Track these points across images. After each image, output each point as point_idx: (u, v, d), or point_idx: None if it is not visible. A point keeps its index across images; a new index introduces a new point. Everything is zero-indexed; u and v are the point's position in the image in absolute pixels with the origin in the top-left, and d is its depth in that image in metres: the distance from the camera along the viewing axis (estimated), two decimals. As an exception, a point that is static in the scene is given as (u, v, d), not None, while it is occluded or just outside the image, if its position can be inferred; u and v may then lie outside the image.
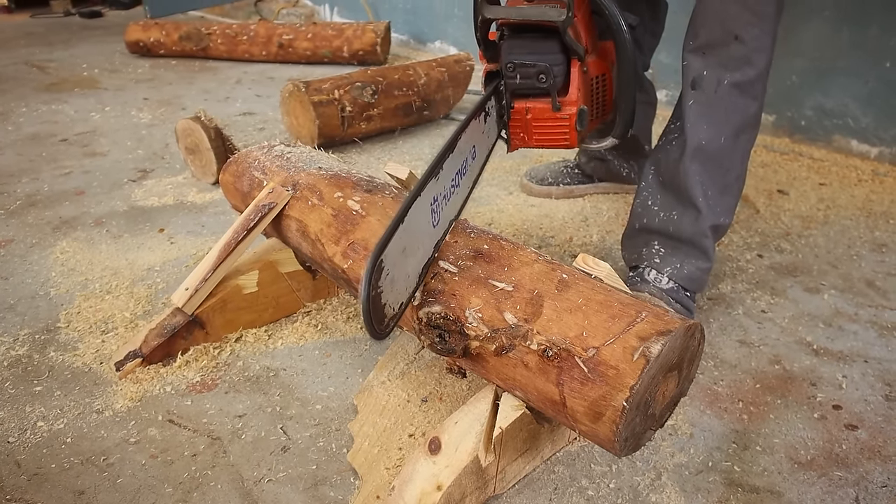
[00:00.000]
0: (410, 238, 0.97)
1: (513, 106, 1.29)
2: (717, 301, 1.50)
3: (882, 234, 1.78)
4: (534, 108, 1.28)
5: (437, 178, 1.01)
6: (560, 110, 1.27)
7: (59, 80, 3.18)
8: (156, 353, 1.27)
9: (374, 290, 0.88)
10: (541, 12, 1.20)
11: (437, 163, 1.01)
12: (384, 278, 0.91)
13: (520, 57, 1.23)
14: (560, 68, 1.25)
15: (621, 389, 0.81)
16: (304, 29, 3.46)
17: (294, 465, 1.07)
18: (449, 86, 2.56)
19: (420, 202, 0.97)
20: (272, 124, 2.62)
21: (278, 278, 1.39)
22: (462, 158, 1.11)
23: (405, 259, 0.96)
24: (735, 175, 1.37)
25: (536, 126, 1.30)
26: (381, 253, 0.89)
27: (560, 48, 1.23)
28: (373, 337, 0.90)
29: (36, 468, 1.06)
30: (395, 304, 0.95)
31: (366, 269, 0.86)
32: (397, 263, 0.94)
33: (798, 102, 2.35)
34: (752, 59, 1.26)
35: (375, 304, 0.89)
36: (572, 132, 1.29)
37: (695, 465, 1.08)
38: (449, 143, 1.05)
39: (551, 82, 1.24)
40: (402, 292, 0.97)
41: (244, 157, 1.44)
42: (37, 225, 1.83)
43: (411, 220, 0.96)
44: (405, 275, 0.97)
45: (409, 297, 1.00)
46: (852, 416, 1.18)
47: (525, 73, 1.24)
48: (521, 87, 1.26)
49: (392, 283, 0.93)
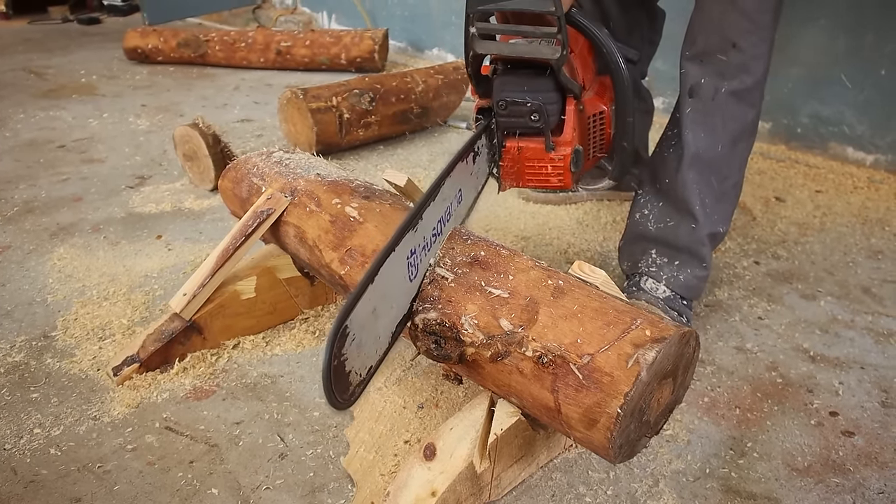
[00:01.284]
0: (382, 297, 0.90)
1: (504, 145, 1.23)
2: (713, 308, 1.50)
3: (878, 241, 1.79)
4: (526, 147, 1.22)
5: (415, 229, 0.95)
6: (554, 150, 1.21)
7: (56, 87, 3.18)
8: (153, 358, 1.27)
9: (336, 360, 0.81)
10: (534, 49, 1.16)
11: (415, 214, 0.95)
12: (349, 345, 0.83)
13: (512, 94, 1.18)
14: (554, 107, 1.19)
15: (616, 396, 0.82)
16: (302, 36, 3.47)
17: (292, 472, 1.07)
18: (446, 93, 2.57)
19: (395, 256, 0.91)
20: (270, 131, 2.63)
21: (276, 284, 1.39)
22: (446, 205, 1.05)
23: (375, 321, 0.89)
24: (732, 183, 1.37)
25: (529, 166, 1.25)
26: (345, 319, 0.81)
27: (554, 86, 1.18)
28: (334, 408, 0.84)
29: (32, 475, 1.06)
30: (361, 370, 0.88)
31: (328, 337, 0.80)
32: (366, 326, 0.87)
33: (794, 110, 2.36)
34: (749, 66, 1.26)
35: (338, 373, 0.82)
36: (566, 173, 1.24)
37: (692, 472, 1.08)
38: (430, 190, 1.00)
39: (545, 121, 1.18)
40: (370, 356, 0.90)
41: (243, 164, 1.44)
42: (34, 231, 1.83)
43: (384, 277, 0.89)
44: (375, 337, 0.90)
45: (379, 360, 0.93)
46: (849, 422, 1.18)
47: (518, 112, 1.18)
48: (513, 126, 1.21)
49: (359, 347, 0.86)
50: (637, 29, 1.63)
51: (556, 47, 1.13)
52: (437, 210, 1.02)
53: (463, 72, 2.62)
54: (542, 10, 1.11)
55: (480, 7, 1.15)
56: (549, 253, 1.72)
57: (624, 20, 1.58)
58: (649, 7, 1.64)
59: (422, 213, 0.97)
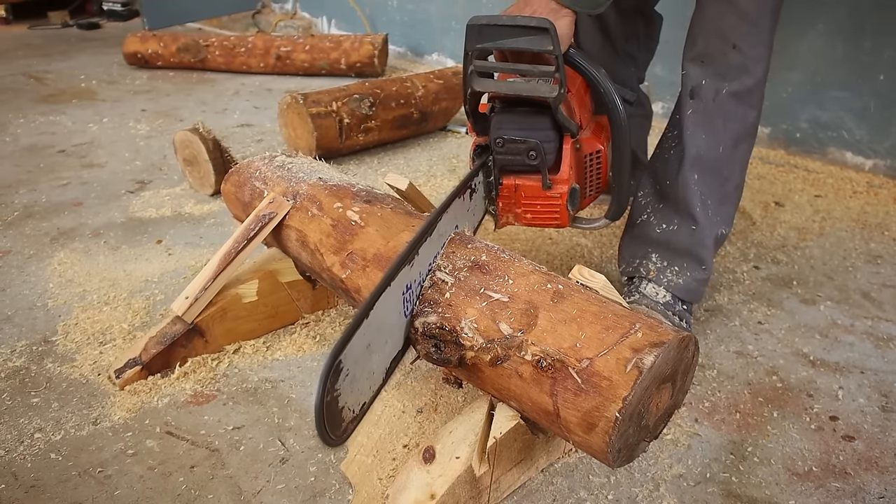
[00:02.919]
0: (377, 332, 0.90)
1: (501, 182, 1.24)
2: (713, 312, 1.50)
3: (877, 246, 1.79)
4: (523, 185, 1.23)
5: (410, 265, 0.96)
6: (551, 189, 1.22)
7: (56, 92, 3.18)
8: (155, 360, 1.27)
9: (329, 395, 0.81)
10: (532, 88, 1.16)
11: (410, 249, 0.96)
12: (342, 380, 0.83)
13: (510, 132, 1.19)
14: (551, 145, 1.20)
15: (614, 400, 0.82)
16: (301, 41, 3.47)
17: (292, 476, 1.07)
18: (446, 98, 2.57)
19: (390, 292, 0.92)
20: (270, 136, 2.63)
21: (278, 288, 1.39)
22: (442, 241, 1.06)
23: (369, 356, 0.89)
24: (734, 184, 1.37)
25: (526, 204, 1.26)
26: (338, 354, 0.81)
27: (552, 124, 1.19)
28: (326, 445, 0.84)
29: (33, 480, 1.06)
30: (355, 406, 0.88)
31: (321, 373, 0.80)
32: (360, 361, 0.87)
33: (793, 115, 2.37)
34: (749, 68, 1.27)
35: (331, 409, 0.82)
36: (563, 211, 1.25)
37: (693, 477, 1.08)
38: (426, 226, 1.00)
39: (542, 160, 1.19)
40: (364, 392, 0.90)
41: (245, 168, 1.45)
42: (34, 236, 1.83)
43: (378, 312, 0.90)
44: (369, 372, 0.90)
45: (372, 397, 0.93)
46: (849, 427, 1.18)
47: (515, 150, 1.19)
48: (510, 164, 1.22)
49: (353, 383, 0.86)
50: (634, 35, 1.63)
51: (554, 86, 1.14)
52: (434, 246, 1.03)
53: (462, 77, 2.62)
54: (540, 49, 1.12)
55: (479, 45, 1.16)
56: (548, 257, 1.72)
57: (622, 26, 1.59)
58: (646, 12, 1.65)
59: (417, 249, 0.97)
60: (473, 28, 1.15)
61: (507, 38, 1.13)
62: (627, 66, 1.67)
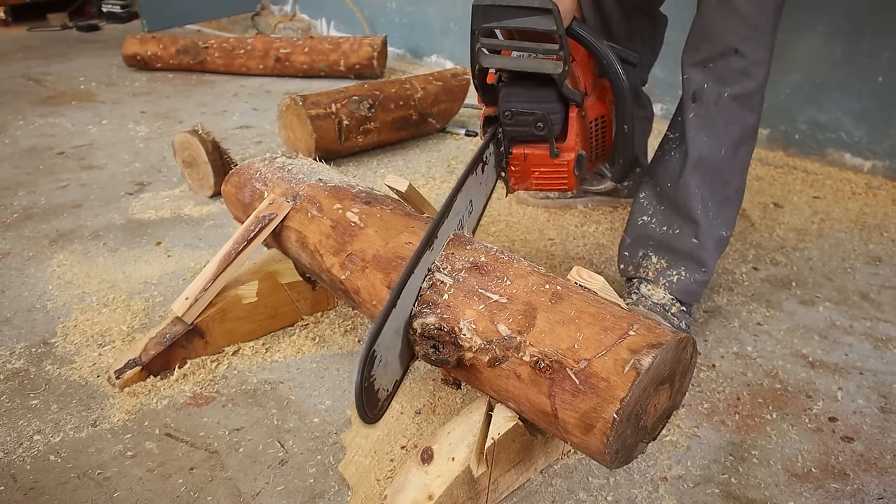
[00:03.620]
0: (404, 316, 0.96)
1: (511, 151, 1.30)
2: (713, 314, 1.50)
3: (876, 247, 1.79)
4: (532, 154, 1.29)
5: (431, 248, 1.01)
6: (558, 156, 1.28)
7: (56, 94, 3.18)
8: (155, 361, 1.27)
9: (366, 382, 0.87)
10: (538, 64, 1.21)
11: (430, 233, 1.01)
12: (377, 366, 0.89)
13: (518, 105, 1.24)
14: (557, 116, 1.25)
15: (612, 401, 0.82)
16: (300, 43, 3.48)
17: (292, 478, 1.07)
18: (445, 100, 2.58)
19: (415, 277, 0.97)
20: (269, 138, 2.63)
21: (278, 289, 1.39)
22: (458, 219, 1.10)
23: (398, 339, 0.95)
24: (735, 187, 1.38)
25: (535, 171, 1.31)
26: (372, 344, 0.87)
27: (557, 96, 1.24)
28: (367, 423, 0.90)
29: (32, 482, 1.06)
30: (388, 386, 0.94)
31: (359, 362, 0.86)
32: (391, 346, 0.93)
33: (792, 117, 2.37)
34: (750, 71, 1.27)
35: (369, 393, 0.88)
36: (570, 176, 1.31)
37: (692, 478, 1.08)
38: (444, 208, 1.05)
39: (549, 130, 1.24)
40: (396, 371, 0.96)
41: (246, 169, 1.45)
42: (34, 238, 1.83)
43: (406, 296, 0.96)
44: (399, 353, 0.96)
45: (403, 373, 0.99)
46: (848, 428, 1.18)
47: (523, 121, 1.25)
48: (519, 135, 1.27)
49: (385, 366, 0.92)
50: (638, 35, 1.64)
51: (558, 62, 1.18)
52: (451, 225, 1.08)
53: (461, 78, 2.63)
54: (544, 28, 1.16)
55: (485, 24, 1.20)
56: (548, 258, 1.72)
57: (625, 26, 1.59)
58: (651, 13, 1.65)
59: (437, 232, 1.02)
60: (479, 8, 1.19)
61: (511, 17, 1.17)
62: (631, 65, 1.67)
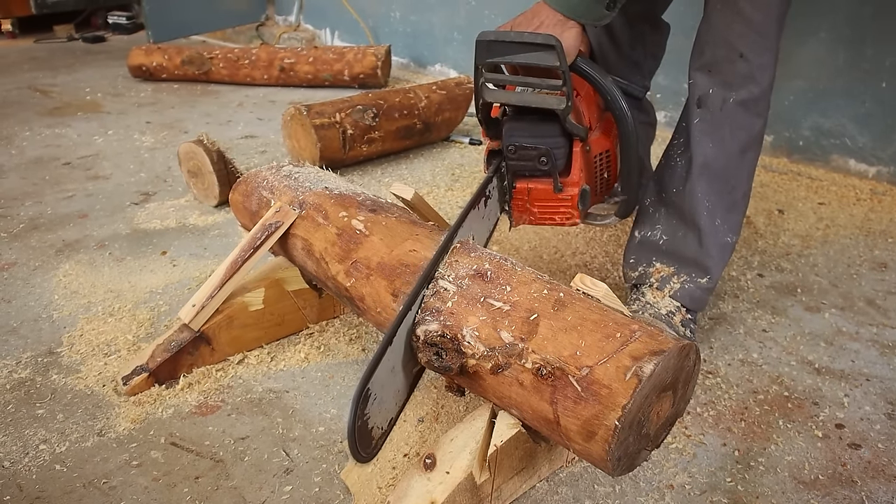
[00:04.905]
0: (400, 355, 0.96)
1: (515, 185, 1.29)
2: (718, 321, 1.50)
3: (882, 253, 1.79)
4: (535, 188, 1.28)
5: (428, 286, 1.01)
6: (562, 191, 1.27)
7: (62, 105, 3.20)
8: (162, 368, 1.28)
9: (359, 420, 0.87)
10: (541, 99, 1.21)
11: (429, 272, 1.01)
12: (371, 405, 0.89)
13: (521, 140, 1.24)
14: (561, 151, 1.25)
15: (613, 409, 0.82)
16: (305, 53, 3.49)
17: (297, 487, 1.07)
18: (449, 108, 2.58)
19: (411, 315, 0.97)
20: (274, 147, 2.64)
21: (284, 296, 1.40)
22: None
23: (394, 377, 0.95)
24: (741, 193, 1.37)
25: (538, 206, 1.31)
26: (366, 383, 0.87)
27: (561, 131, 1.24)
28: (360, 462, 0.90)
29: (38, 492, 1.06)
30: (383, 424, 0.94)
31: (352, 400, 0.86)
32: (386, 385, 0.92)
33: (796, 123, 2.37)
34: (756, 76, 1.27)
35: (362, 431, 0.88)
36: (574, 212, 1.30)
37: (698, 486, 1.08)
38: (444, 243, 1.05)
39: (553, 165, 1.24)
40: (391, 409, 0.96)
41: (253, 177, 1.45)
42: (40, 248, 1.84)
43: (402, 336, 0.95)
44: (395, 391, 0.96)
45: (398, 411, 0.98)
46: (855, 434, 1.18)
47: (526, 156, 1.24)
48: (522, 169, 1.27)
49: (380, 404, 0.92)
50: (640, 42, 1.64)
51: (562, 98, 1.18)
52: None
53: (465, 87, 2.63)
54: (547, 64, 1.16)
55: (489, 59, 1.20)
56: (551, 266, 1.72)
57: (628, 33, 1.59)
58: (653, 20, 1.65)
59: (434, 272, 1.02)
60: (482, 44, 1.19)
61: (515, 53, 1.17)
62: (633, 73, 1.67)
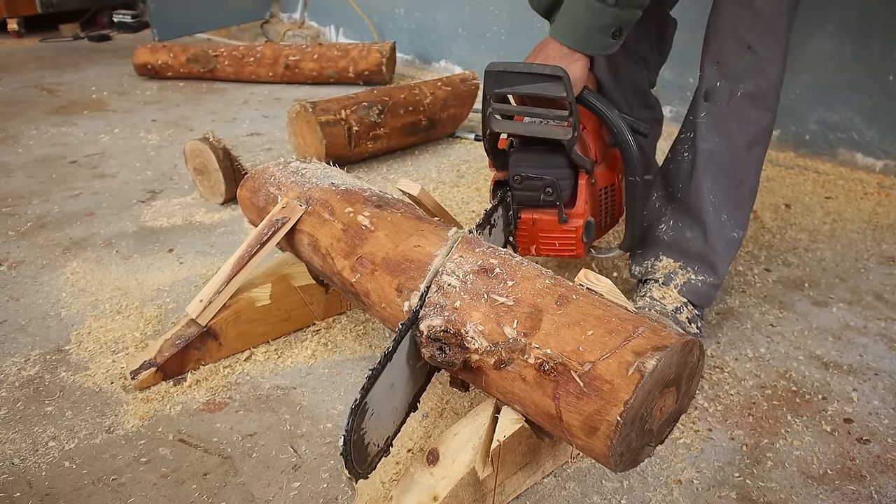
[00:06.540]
0: (400, 372, 0.96)
1: (520, 216, 1.31)
2: (725, 316, 1.50)
3: (889, 247, 1.78)
4: (540, 219, 1.30)
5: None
6: (567, 223, 1.28)
7: (68, 103, 3.21)
8: (170, 362, 1.28)
9: (355, 434, 0.87)
10: (548, 130, 1.22)
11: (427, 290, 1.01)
12: (368, 420, 0.89)
13: (527, 170, 1.25)
14: (567, 182, 1.26)
15: (615, 404, 0.82)
16: (309, 50, 3.49)
17: (305, 483, 1.08)
18: (454, 104, 2.58)
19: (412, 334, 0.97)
20: (279, 144, 2.64)
21: (291, 292, 1.40)
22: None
23: (393, 394, 0.95)
24: (749, 187, 1.36)
25: (543, 237, 1.32)
26: (364, 396, 0.87)
27: (567, 162, 1.25)
28: (355, 478, 0.90)
29: (48, 489, 1.06)
30: (379, 441, 0.94)
31: (348, 413, 0.86)
32: (384, 401, 0.92)
33: (802, 117, 2.36)
34: (764, 69, 1.26)
35: (358, 446, 0.88)
36: (578, 243, 1.31)
37: (706, 481, 1.07)
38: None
39: (558, 196, 1.25)
40: (388, 427, 0.96)
41: (261, 173, 1.46)
42: (47, 246, 1.84)
43: (402, 353, 0.95)
44: (392, 409, 0.96)
45: (396, 430, 0.99)
46: (864, 429, 1.17)
47: (532, 186, 1.26)
48: (528, 200, 1.28)
49: (377, 420, 0.92)
50: (646, 38, 1.63)
51: (568, 129, 1.20)
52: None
53: (470, 83, 2.63)
54: (554, 95, 1.17)
55: (497, 90, 1.22)
56: (555, 261, 1.72)
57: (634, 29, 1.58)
58: (660, 15, 1.64)
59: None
60: (491, 74, 1.21)
61: (523, 84, 1.19)
62: (639, 68, 1.66)
